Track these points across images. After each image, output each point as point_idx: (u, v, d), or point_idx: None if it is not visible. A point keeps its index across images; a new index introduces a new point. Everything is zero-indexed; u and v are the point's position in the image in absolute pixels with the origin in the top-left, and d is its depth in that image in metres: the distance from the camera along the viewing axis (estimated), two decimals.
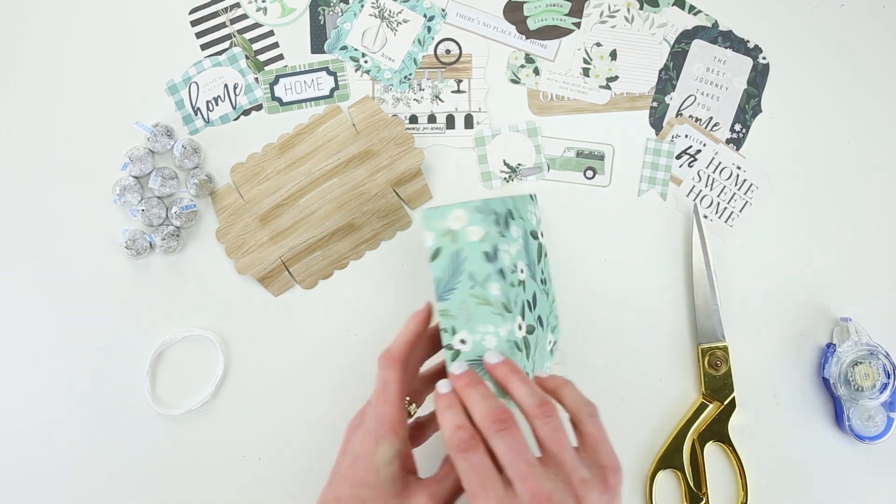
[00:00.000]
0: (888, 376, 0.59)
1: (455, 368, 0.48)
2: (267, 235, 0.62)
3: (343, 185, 0.62)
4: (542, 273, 0.56)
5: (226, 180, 0.63)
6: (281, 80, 0.64)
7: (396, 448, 0.48)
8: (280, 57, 0.65)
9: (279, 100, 0.64)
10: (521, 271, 0.52)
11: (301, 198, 0.62)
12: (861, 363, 0.59)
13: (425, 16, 0.65)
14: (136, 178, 0.62)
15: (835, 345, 0.62)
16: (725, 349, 0.62)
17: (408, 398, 0.52)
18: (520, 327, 0.50)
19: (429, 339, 0.53)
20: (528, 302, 0.52)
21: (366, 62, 0.65)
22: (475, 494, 0.44)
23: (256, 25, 0.65)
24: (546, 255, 0.57)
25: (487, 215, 0.50)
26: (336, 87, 0.64)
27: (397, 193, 0.63)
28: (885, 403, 0.61)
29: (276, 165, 0.63)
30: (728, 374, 0.61)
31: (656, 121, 0.65)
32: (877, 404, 0.60)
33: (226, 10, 0.65)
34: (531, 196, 0.57)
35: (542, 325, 0.54)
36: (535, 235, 0.55)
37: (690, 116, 0.65)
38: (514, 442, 0.44)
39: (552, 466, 0.45)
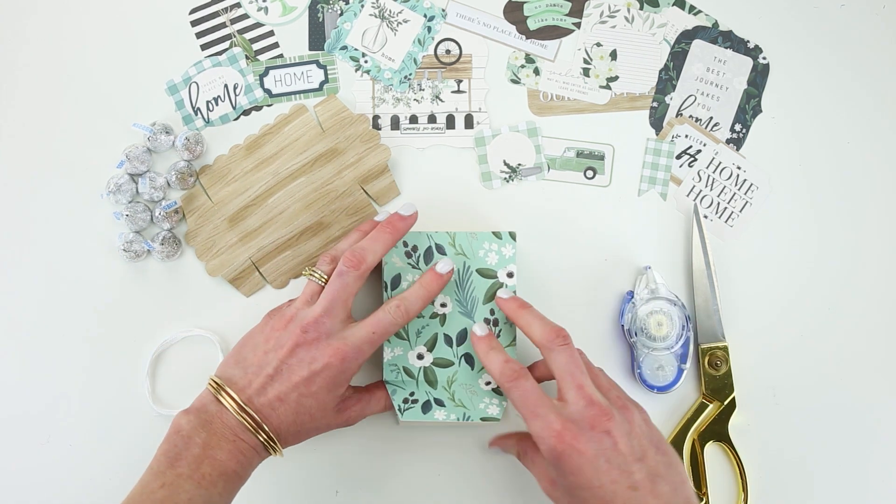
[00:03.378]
0: (682, 327, 0.59)
1: (478, 329, 0.56)
2: (236, 236, 0.62)
3: (311, 183, 0.62)
4: (494, 314, 0.57)
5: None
6: (271, 71, 0.64)
7: (357, 370, 0.53)
8: (280, 57, 0.65)
9: (268, 91, 0.64)
10: (443, 305, 0.57)
11: (269, 198, 0.62)
12: (656, 312, 0.59)
13: (425, 16, 0.65)
14: (131, 175, 0.62)
15: (633, 292, 0.62)
16: (725, 349, 0.62)
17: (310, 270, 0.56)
18: (419, 356, 0.57)
19: None
20: (448, 336, 0.57)
21: (366, 62, 0.65)
22: (535, 414, 0.49)
23: (257, 25, 0.65)
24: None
25: (397, 247, 0.57)
26: (326, 81, 0.64)
27: (365, 191, 0.63)
28: (677, 354, 0.60)
29: (244, 166, 0.63)
30: (728, 374, 0.61)
31: (656, 121, 0.65)
32: (668, 354, 0.60)
33: (226, 10, 0.65)
34: (498, 234, 0.58)
35: (471, 363, 0.57)
36: (487, 274, 0.58)
37: (690, 116, 0.65)
38: (573, 355, 0.51)
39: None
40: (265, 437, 0.51)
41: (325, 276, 0.56)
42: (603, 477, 0.47)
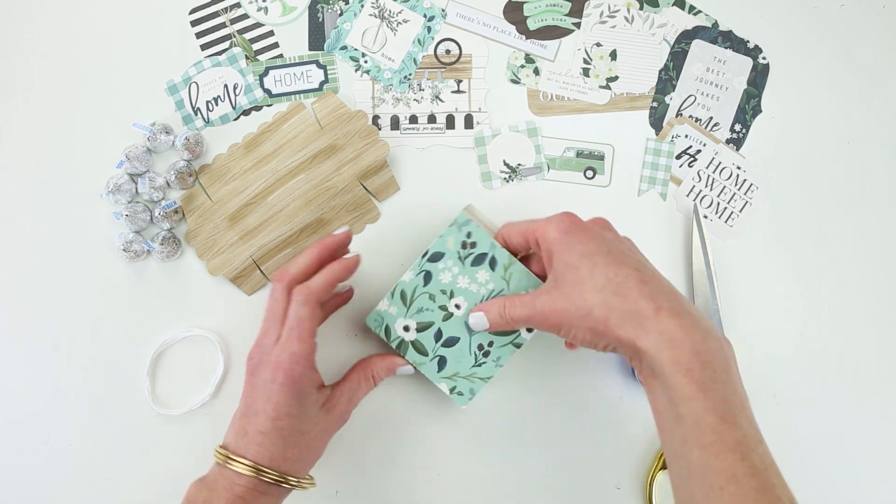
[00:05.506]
0: None
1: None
2: (237, 235, 0.62)
3: (310, 180, 0.62)
4: (491, 346, 0.57)
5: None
6: (271, 71, 0.64)
7: (315, 383, 0.53)
8: (280, 57, 0.65)
9: (268, 91, 0.64)
10: (457, 307, 0.57)
11: (269, 196, 0.62)
12: None
13: (425, 16, 0.65)
14: (130, 175, 0.62)
15: None
16: None
17: None
18: (405, 328, 0.57)
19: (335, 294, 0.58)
20: (440, 332, 0.57)
21: (366, 62, 0.65)
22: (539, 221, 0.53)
23: (257, 25, 0.65)
24: (515, 345, 0.57)
25: (460, 232, 0.57)
26: (326, 81, 0.64)
27: (364, 186, 0.63)
28: None
29: (243, 165, 0.63)
30: None
31: (656, 121, 0.65)
32: None
33: (226, 10, 0.65)
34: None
35: (440, 366, 0.57)
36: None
37: (690, 116, 0.65)
38: None
39: None
40: (252, 470, 0.50)
41: None
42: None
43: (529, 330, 0.57)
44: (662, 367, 0.45)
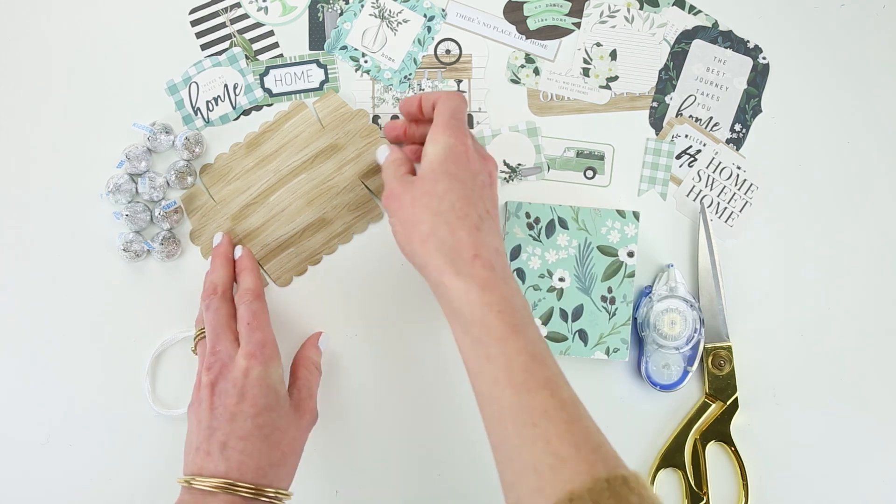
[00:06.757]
0: (694, 330, 0.60)
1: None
2: (239, 235, 0.62)
3: (312, 180, 0.62)
4: (611, 291, 0.59)
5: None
6: (271, 71, 0.64)
7: (281, 368, 0.53)
8: (280, 56, 0.65)
9: (269, 91, 0.64)
10: (561, 280, 0.59)
11: (271, 195, 0.62)
12: (672, 311, 0.60)
13: (425, 16, 0.65)
14: (130, 175, 0.62)
15: (651, 287, 0.62)
16: (729, 349, 0.62)
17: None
18: None
19: None
20: (564, 311, 0.59)
21: (366, 62, 0.65)
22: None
23: (257, 25, 0.65)
24: (629, 276, 0.59)
25: (520, 218, 0.59)
26: (326, 80, 0.64)
27: (366, 185, 0.63)
28: (685, 355, 0.61)
29: (245, 164, 0.63)
30: (731, 375, 0.61)
31: (656, 121, 0.65)
32: (676, 353, 0.60)
33: (226, 9, 0.65)
34: (622, 212, 0.59)
35: (584, 339, 0.59)
36: (607, 252, 0.59)
37: (690, 116, 0.65)
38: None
39: None
40: (223, 484, 0.47)
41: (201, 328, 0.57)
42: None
43: (630, 255, 0.59)
44: (472, 308, 0.46)
